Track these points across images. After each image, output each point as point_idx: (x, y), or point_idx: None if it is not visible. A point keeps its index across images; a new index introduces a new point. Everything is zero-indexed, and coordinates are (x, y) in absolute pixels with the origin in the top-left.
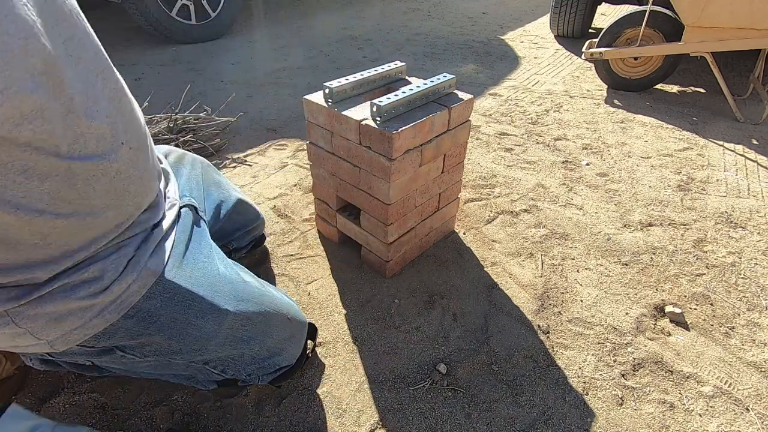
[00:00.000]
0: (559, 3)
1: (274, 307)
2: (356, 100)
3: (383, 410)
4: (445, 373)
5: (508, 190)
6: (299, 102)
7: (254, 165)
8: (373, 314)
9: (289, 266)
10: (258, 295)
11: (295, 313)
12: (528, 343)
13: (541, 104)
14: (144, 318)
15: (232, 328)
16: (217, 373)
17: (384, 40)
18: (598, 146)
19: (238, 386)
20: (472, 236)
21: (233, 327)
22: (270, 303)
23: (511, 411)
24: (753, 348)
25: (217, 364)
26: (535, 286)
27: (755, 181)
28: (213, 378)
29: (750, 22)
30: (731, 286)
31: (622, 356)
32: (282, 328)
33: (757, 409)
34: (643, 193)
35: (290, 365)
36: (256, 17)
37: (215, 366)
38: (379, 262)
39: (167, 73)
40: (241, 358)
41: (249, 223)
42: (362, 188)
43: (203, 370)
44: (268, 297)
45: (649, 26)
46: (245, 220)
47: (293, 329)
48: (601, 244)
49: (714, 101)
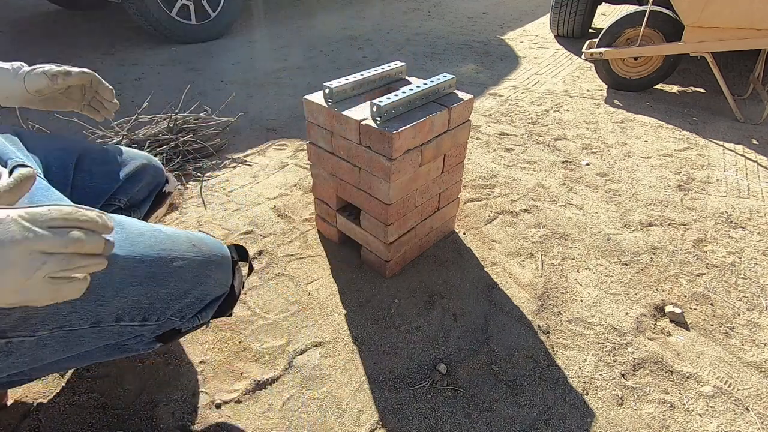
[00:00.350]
0: (559, 3)
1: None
2: (356, 100)
3: (383, 410)
4: (445, 373)
5: (508, 190)
6: (299, 102)
7: (254, 165)
8: (373, 314)
9: (289, 266)
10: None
11: (200, 238)
12: (528, 343)
13: (541, 104)
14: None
15: (126, 267)
16: (137, 325)
17: (384, 40)
18: (598, 146)
19: (181, 333)
20: (472, 236)
21: (126, 266)
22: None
23: (511, 411)
24: (753, 348)
25: (134, 315)
26: (535, 286)
27: (755, 181)
28: (144, 338)
29: (750, 22)
30: (731, 286)
31: (622, 356)
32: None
33: (757, 409)
34: (643, 193)
35: (224, 294)
36: (256, 17)
37: (132, 318)
38: (379, 262)
39: (167, 73)
40: (157, 298)
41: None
42: (362, 188)
43: (124, 332)
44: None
45: (649, 26)
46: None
47: (205, 254)
48: (601, 244)
49: (714, 101)
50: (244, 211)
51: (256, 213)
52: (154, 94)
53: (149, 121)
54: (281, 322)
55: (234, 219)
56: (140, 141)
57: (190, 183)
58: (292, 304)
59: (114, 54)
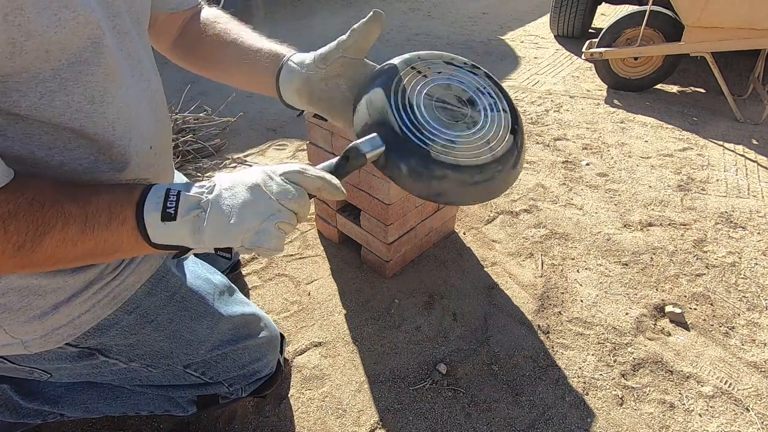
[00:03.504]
0: (559, 3)
1: (253, 311)
2: None
3: (383, 410)
4: (445, 373)
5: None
6: None
7: (254, 165)
8: (373, 314)
9: (289, 266)
10: (241, 300)
11: (267, 319)
12: (528, 343)
13: (541, 104)
14: (143, 314)
15: (222, 331)
16: (197, 376)
17: (384, 40)
18: (598, 146)
19: (219, 404)
20: (472, 236)
21: (222, 330)
22: (250, 308)
23: (511, 411)
24: (753, 348)
25: (198, 367)
26: (535, 286)
27: (755, 181)
28: (189, 394)
29: (750, 22)
30: (731, 286)
31: (622, 356)
32: (260, 332)
33: (757, 409)
34: (643, 193)
35: (270, 374)
36: (256, 17)
37: (196, 368)
38: (379, 262)
39: (167, 73)
40: (224, 360)
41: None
42: (362, 188)
43: (182, 376)
44: (247, 303)
45: (649, 26)
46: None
47: (270, 334)
48: (601, 244)
49: (714, 101)
50: None
51: None
52: None
53: None
54: (281, 322)
55: None
56: None
57: None
58: (292, 304)
59: None
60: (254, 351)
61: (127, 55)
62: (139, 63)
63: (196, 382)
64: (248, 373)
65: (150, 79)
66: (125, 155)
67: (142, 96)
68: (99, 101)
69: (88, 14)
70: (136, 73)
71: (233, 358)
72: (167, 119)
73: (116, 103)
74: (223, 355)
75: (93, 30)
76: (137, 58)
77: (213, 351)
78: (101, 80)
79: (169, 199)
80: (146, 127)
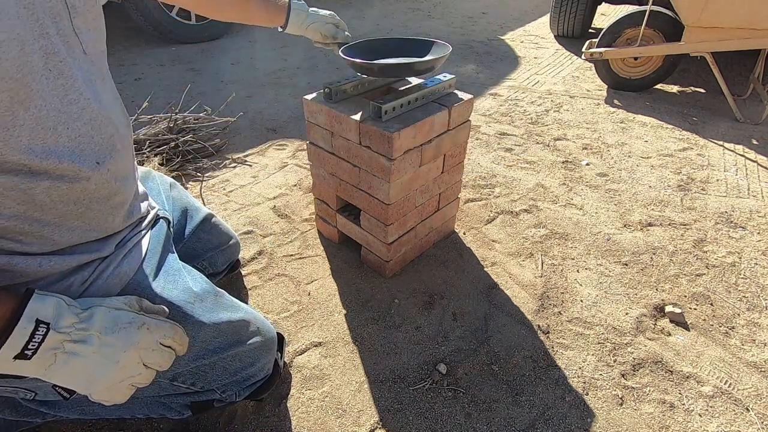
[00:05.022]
0: (559, 3)
1: (242, 316)
2: (356, 100)
3: (383, 410)
4: (445, 373)
5: (508, 190)
6: (299, 102)
7: (254, 165)
8: (373, 314)
9: (289, 266)
10: (228, 305)
11: (261, 322)
12: (528, 343)
13: (541, 104)
14: None
15: (205, 340)
16: (186, 387)
17: None
18: (598, 146)
19: (214, 407)
20: (472, 236)
21: (206, 339)
22: (239, 313)
23: (511, 411)
24: (753, 348)
25: (186, 378)
26: (535, 286)
27: (755, 181)
28: (182, 400)
29: (750, 22)
30: (731, 286)
31: (622, 356)
32: (251, 337)
33: (757, 409)
34: (643, 193)
35: (266, 377)
36: None
37: (184, 380)
38: (379, 262)
39: (167, 73)
40: (212, 369)
41: (220, 244)
42: (362, 188)
43: (170, 389)
44: (236, 307)
45: (649, 26)
46: (217, 242)
47: (263, 338)
48: (601, 244)
49: (714, 101)
50: (244, 211)
51: (256, 213)
52: (154, 94)
53: (149, 121)
54: (281, 322)
55: (234, 219)
56: (140, 141)
57: (190, 183)
58: (292, 304)
59: (114, 54)
60: (245, 357)
61: (58, 74)
62: (73, 82)
63: (187, 392)
64: (241, 379)
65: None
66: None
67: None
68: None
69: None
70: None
71: (223, 366)
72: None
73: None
74: (212, 364)
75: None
76: (70, 77)
77: (198, 361)
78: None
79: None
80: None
